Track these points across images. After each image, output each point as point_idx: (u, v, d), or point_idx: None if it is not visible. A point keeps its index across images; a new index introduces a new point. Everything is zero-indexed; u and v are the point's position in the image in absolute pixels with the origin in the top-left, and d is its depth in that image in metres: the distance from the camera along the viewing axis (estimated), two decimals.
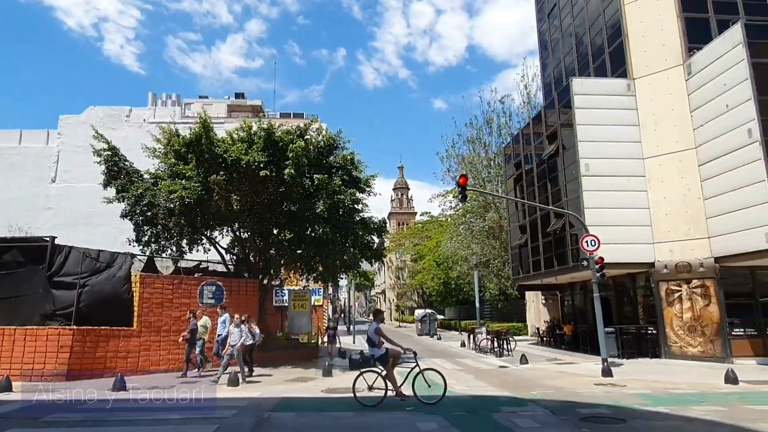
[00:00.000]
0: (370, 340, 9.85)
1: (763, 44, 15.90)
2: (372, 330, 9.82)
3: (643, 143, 18.78)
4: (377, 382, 9.52)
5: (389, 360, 9.72)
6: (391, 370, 9.71)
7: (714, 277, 16.73)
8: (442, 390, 9.52)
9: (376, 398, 9.29)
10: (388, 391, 9.46)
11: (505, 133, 35.46)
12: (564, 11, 25.77)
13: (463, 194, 15.89)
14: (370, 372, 9.71)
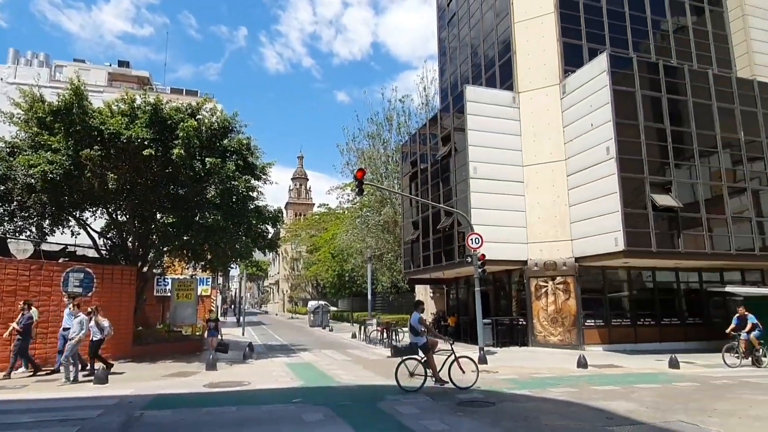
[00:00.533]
0: (413, 329, 10.50)
1: (623, 73, 18.39)
2: (415, 320, 10.51)
3: (524, 152, 20.69)
4: (418, 368, 10.05)
5: (430, 348, 10.33)
6: (432, 358, 10.32)
7: (574, 275, 19.06)
8: (475, 376, 10.46)
9: (416, 384, 9.92)
10: (427, 377, 10.05)
11: (403, 132, 36.61)
12: (462, 21, 27.30)
13: (360, 188, 16.15)
14: (411, 359, 10.22)
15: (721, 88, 19.82)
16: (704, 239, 18.20)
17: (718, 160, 19.26)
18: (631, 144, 17.68)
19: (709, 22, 23.90)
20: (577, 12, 21.43)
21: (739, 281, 21.33)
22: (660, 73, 19.04)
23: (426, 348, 10.39)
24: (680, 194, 17.99)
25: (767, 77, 22.24)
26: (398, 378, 9.96)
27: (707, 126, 19.15)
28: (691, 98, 19.10)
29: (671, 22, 23.25)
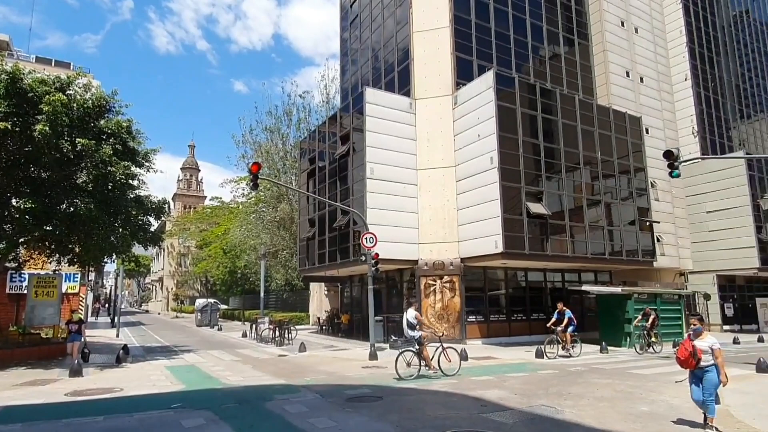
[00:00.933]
0: (409, 324, 11.79)
1: (506, 91, 20.17)
2: (411, 316, 11.87)
3: (418, 156, 21.71)
4: (413, 359, 11.61)
5: (424, 340, 11.80)
6: (425, 349, 11.80)
7: (459, 274, 20.47)
8: (458, 364, 12.16)
9: (413, 372, 11.47)
10: (422, 367, 11.59)
11: (303, 128, 36.25)
12: (364, 25, 27.79)
13: (255, 182, 15.59)
14: (407, 351, 11.75)
15: (584, 112, 22.67)
16: (567, 244, 20.71)
17: (580, 175, 22.02)
18: (511, 156, 19.49)
19: (577, 53, 27.17)
20: (469, 30, 23.00)
21: (593, 281, 24.61)
22: (537, 94, 21.25)
23: (421, 341, 11.80)
24: (549, 203, 20.24)
25: (620, 106, 25.93)
26: (397, 368, 11.27)
27: (572, 144, 21.79)
28: (561, 119, 21.60)
29: (548, 50, 26.01)
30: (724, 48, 36.07)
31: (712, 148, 32.42)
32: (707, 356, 6.57)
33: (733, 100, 35.57)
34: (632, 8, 30.40)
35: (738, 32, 38.06)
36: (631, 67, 29.00)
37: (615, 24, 28.93)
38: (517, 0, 24.98)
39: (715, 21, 35.83)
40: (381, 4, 26.25)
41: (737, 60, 37.22)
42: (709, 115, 33.11)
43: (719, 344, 6.70)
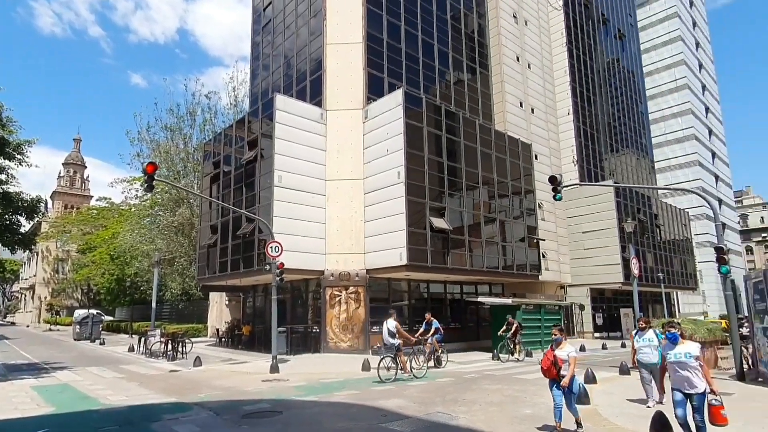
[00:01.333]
0: (390, 332, 13.39)
1: (414, 110, 21.13)
2: (392, 325, 13.49)
3: (327, 167, 21.83)
4: (391, 363, 13.24)
5: (401, 347, 13.48)
6: (401, 355, 13.46)
7: (365, 285, 20.82)
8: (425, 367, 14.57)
9: (391, 375, 13.07)
10: (398, 370, 13.23)
11: (208, 130, 34.58)
12: (278, 30, 27.46)
13: (150, 183, 14.41)
14: (386, 357, 13.31)
15: (484, 135, 24.49)
16: (466, 257, 22.07)
17: (479, 193, 23.66)
18: (417, 172, 20.41)
19: (479, 81, 29.32)
20: (381, 48, 23.80)
21: (487, 293, 26.41)
22: (442, 115, 22.55)
23: (399, 347, 13.37)
24: (451, 219, 21.46)
25: (514, 133, 28.39)
26: (379, 372, 12.85)
27: (473, 165, 23.38)
28: (463, 140, 23.11)
29: (453, 75, 27.75)
30: (600, 89, 41.19)
31: (588, 176, 36.68)
32: (567, 365, 6.98)
33: (605, 136, 40.64)
34: (526, 46, 33.59)
35: (610, 77, 43.72)
36: (524, 99, 31.95)
37: (511, 59, 31.73)
38: (427, 26, 26.39)
39: (593, 65, 40.83)
40: (295, 13, 26.17)
41: (609, 101, 42.69)
42: (586, 147, 37.47)
43: (575, 353, 7.24)
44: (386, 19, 24.30)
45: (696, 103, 60.27)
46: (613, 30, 45.76)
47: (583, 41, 39.99)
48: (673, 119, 58.54)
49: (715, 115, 66.27)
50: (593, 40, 41.79)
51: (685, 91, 58.51)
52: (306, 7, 25.33)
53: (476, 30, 29.98)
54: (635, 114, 46.76)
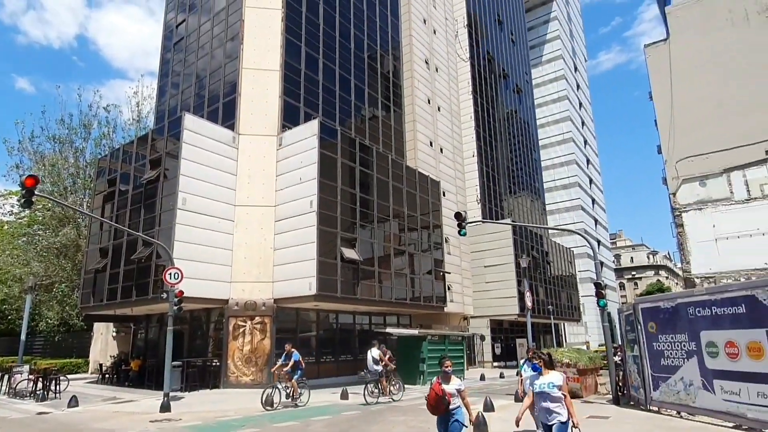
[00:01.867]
0: (374, 360, 15.34)
1: (329, 141, 21.42)
2: (377, 354, 15.52)
3: (237, 192, 21.14)
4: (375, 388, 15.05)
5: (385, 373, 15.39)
6: (383, 380, 15.30)
7: (271, 315, 20.11)
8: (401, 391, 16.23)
9: (374, 399, 14.78)
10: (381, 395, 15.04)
11: (105, 145, 31.92)
12: (191, 49, 26.60)
13: (29, 199, 12.75)
14: (371, 382, 15.05)
15: (395, 170, 25.44)
16: (375, 288, 22.33)
17: (389, 226, 24.31)
18: (330, 202, 20.53)
19: (392, 119, 30.64)
20: (298, 78, 24.02)
21: (395, 324, 26.81)
22: (356, 147, 23.11)
23: (382, 374, 15.27)
24: (362, 250, 21.72)
25: (424, 170, 29.86)
26: (365, 395, 14.56)
27: (384, 198, 24.07)
28: (376, 174, 23.80)
29: (368, 111, 28.72)
30: (500, 136, 45.05)
31: (490, 214, 39.46)
32: (455, 399, 6.54)
33: (505, 178, 44.24)
34: (437, 90, 35.94)
35: (509, 126, 48.09)
36: (434, 139, 33.89)
37: (423, 101, 33.70)
38: (345, 62, 27.22)
39: (495, 114, 44.70)
40: (211, 34, 25.59)
41: (508, 147, 46.77)
42: (488, 187, 40.43)
43: (464, 385, 6.86)
44: (305, 50, 24.68)
45: (579, 155, 68.08)
46: (512, 85, 50.68)
47: (487, 92, 43.74)
48: (561, 167, 65.42)
49: (594, 167, 75.21)
50: (495, 92, 45.87)
51: (570, 143, 65.93)
52: (222, 29, 24.92)
53: (391, 71, 31.49)
54: (530, 160, 51.58)
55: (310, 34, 25.22)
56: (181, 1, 28.54)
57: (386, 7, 32.27)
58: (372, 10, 30.67)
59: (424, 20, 36.29)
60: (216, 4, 25.81)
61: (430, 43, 36.47)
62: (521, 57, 55.43)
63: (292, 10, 24.33)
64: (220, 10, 25.41)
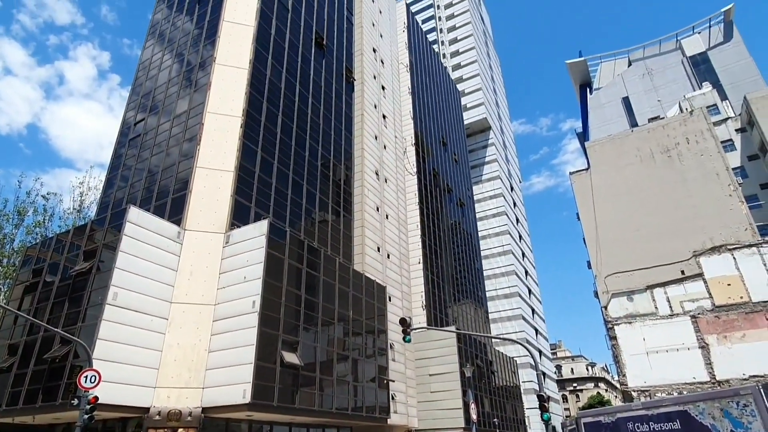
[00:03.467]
0: None
1: (277, 241, 21.54)
2: None
3: (176, 288, 20.26)
4: None
5: None
6: None
7: (197, 427, 18.20)
8: None
9: None
10: None
11: (38, 233, 30.23)
12: (146, 146, 27.04)
13: None
14: None
15: (342, 274, 25.56)
16: (316, 397, 21.03)
17: (334, 330, 23.72)
18: (274, 303, 20.03)
19: (342, 223, 31.53)
20: (252, 179, 24.72)
21: None
22: (305, 249, 23.29)
23: None
24: (304, 354, 20.83)
25: (371, 275, 30.18)
26: None
27: (330, 300, 23.81)
28: (323, 276, 23.79)
29: (318, 215, 29.51)
30: (445, 245, 46.95)
31: (435, 320, 39.48)
32: None
33: (449, 285, 45.21)
34: (386, 199, 37.82)
35: (454, 236, 50.46)
36: (382, 245, 34.81)
37: (372, 208, 35.19)
38: (298, 167, 28.49)
39: (440, 224, 47.04)
40: (168, 133, 26.32)
41: (453, 255, 48.56)
42: (434, 293, 41.00)
43: None
44: (260, 155, 25.75)
45: (518, 267, 71.37)
46: (456, 199, 54.21)
47: (433, 204, 46.41)
48: (502, 277, 67.91)
49: (533, 278, 78.65)
50: (440, 204, 48.74)
51: (510, 255, 69.38)
52: (181, 130, 25.77)
53: (343, 179, 33.11)
54: (473, 270, 53.42)
55: (267, 140, 26.56)
56: (143, 102, 29.60)
57: (341, 122, 34.95)
58: (327, 124, 33.07)
59: (375, 136, 39.31)
60: (178, 106, 26.98)
61: (380, 156, 39.14)
62: (464, 175, 60.17)
63: (251, 118, 25.81)
64: (181, 112, 26.51)
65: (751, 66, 55.29)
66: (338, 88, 36.18)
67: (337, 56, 37.63)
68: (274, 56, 29.40)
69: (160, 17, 33.54)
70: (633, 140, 31.53)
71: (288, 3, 32.83)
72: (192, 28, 30.19)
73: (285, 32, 31.38)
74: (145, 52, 32.22)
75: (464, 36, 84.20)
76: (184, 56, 29.14)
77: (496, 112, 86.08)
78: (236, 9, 28.93)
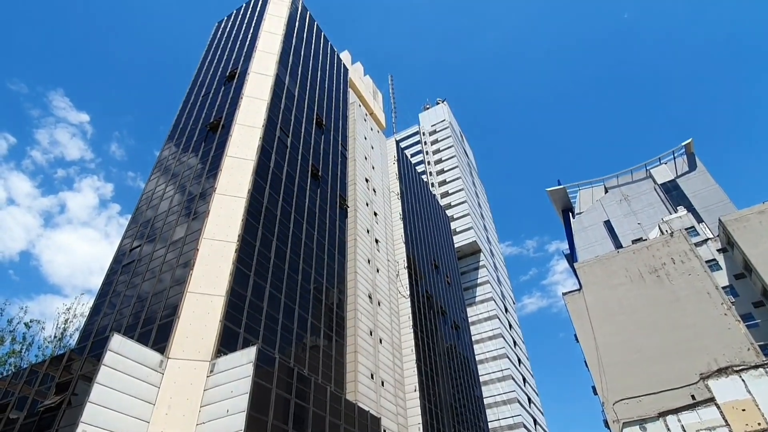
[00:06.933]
0: None
1: (265, 369, 20.49)
2: None
3: (151, 424, 18.65)
4: None
5: None
6: None
7: None
8: None
9: None
10: None
11: (11, 363, 28.61)
12: (138, 271, 27.05)
13: None
14: None
15: (334, 404, 23.88)
16: None
17: None
18: None
19: (334, 349, 30.34)
20: (243, 303, 24.36)
21: None
22: (294, 378, 22.05)
23: None
24: None
25: (364, 404, 28.20)
26: None
27: None
28: (312, 407, 22.17)
29: (310, 340, 28.54)
30: (442, 371, 44.71)
31: None
32: None
33: (448, 416, 41.97)
34: (379, 323, 36.97)
35: (450, 360, 48.32)
36: (375, 371, 33.11)
37: (365, 332, 34.22)
38: (291, 292, 28.32)
39: (435, 347, 45.37)
40: (162, 260, 26.52)
41: (450, 382, 45.95)
42: (432, 425, 37.84)
43: None
44: (253, 279, 25.76)
45: (520, 394, 67.21)
46: (450, 321, 53.10)
47: (427, 326, 45.29)
48: (504, 405, 63.45)
49: (536, 406, 73.53)
50: (435, 327, 47.56)
51: (510, 380, 65.78)
52: (176, 255, 26.07)
53: (336, 303, 32.71)
54: (473, 397, 50.13)
55: (261, 265, 26.79)
56: (141, 231, 30.33)
57: (334, 246, 35.68)
58: (321, 249, 33.72)
59: (368, 260, 39.84)
60: (175, 233, 27.64)
61: (373, 280, 39.22)
62: (457, 297, 59.74)
63: (246, 243, 26.36)
64: (177, 239, 27.08)
65: (719, 191, 58.96)
66: (332, 214, 37.65)
67: (332, 185, 39.85)
68: (272, 186, 31.10)
69: (167, 153, 36.07)
70: (620, 261, 32.21)
71: (287, 141, 35.76)
72: (196, 163, 32.32)
73: (283, 165, 33.64)
74: (149, 183, 33.98)
75: (450, 167, 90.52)
76: (186, 187, 30.72)
77: (485, 235, 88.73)
78: (239, 146, 31.34)
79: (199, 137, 34.68)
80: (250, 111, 34.11)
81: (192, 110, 38.91)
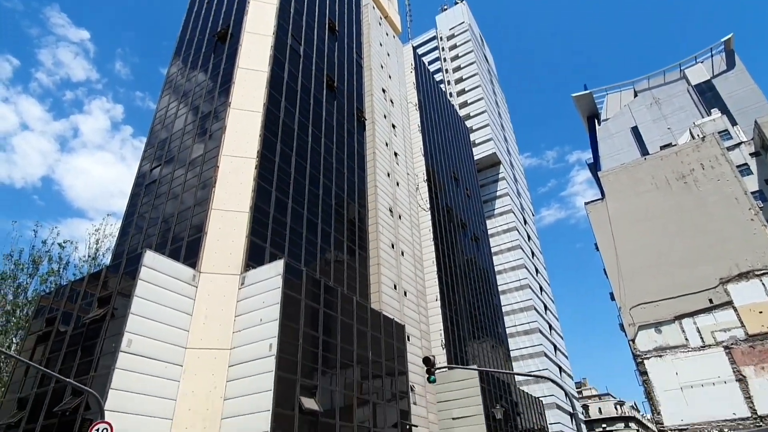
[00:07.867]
0: None
1: (293, 281, 21.12)
2: None
3: (191, 333, 19.76)
4: None
5: None
6: None
7: None
8: None
9: None
10: None
11: (52, 282, 30.17)
12: (161, 191, 27.24)
13: None
14: None
15: (360, 313, 24.89)
16: None
17: (353, 372, 22.84)
18: (291, 345, 19.38)
19: (357, 262, 31.06)
20: (267, 219, 24.61)
21: None
22: (321, 289, 22.79)
23: None
24: (323, 399, 19.94)
25: (389, 313, 29.39)
26: None
27: (348, 341, 23.05)
28: (340, 316, 23.15)
29: (334, 253, 29.16)
30: (462, 281, 46.02)
31: (456, 360, 38.09)
32: None
33: (468, 323, 43.96)
34: (400, 236, 37.43)
35: (470, 271, 49.54)
36: (398, 282, 34.14)
37: (387, 245, 34.77)
38: (312, 207, 28.42)
39: (456, 260, 46.31)
40: (183, 178, 26.53)
41: (470, 292, 47.50)
42: (453, 332, 39.79)
43: None
44: (275, 195, 25.76)
45: (537, 301, 69.62)
46: (470, 234, 53.65)
47: (447, 240, 45.87)
48: (521, 313, 66.15)
49: (552, 313, 76.54)
50: (455, 240, 48.18)
51: (527, 289, 67.85)
52: (196, 174, 26.00)
53: (357, 217, 32.93)
54: (491, 306, 52.10)
55: (281, 180, 26.63)
56: (158, 153, 30.06)
57: (353, 161, 35.14)
58: (340, 163, 33.25)
59: (388, 174, 39.41)
60: (194, 152, 27.34)
61: (393, 193, 39.09)
62: (476, 209, 59.81)
63: (266, 159, 26.01)
64: (196, 157, 26.83)
65: (757, 92, 55.30)
66: (350, 127, 36.64)
67: (348, 97, 38.35)
68: (287, 99, 29.99)
69: (175, 69, 34.66)
70: (647, 168, 31.12)
71: (300, 49, 33.83)
72: (207, 78, 31.06)
73: (297, 76, 32.15)
74: (161, 102, 33.10)
75: (470, 75, 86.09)
76: (199, 104, 29.82)
77: (505, 146, 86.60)
78: (250, 57, 29.79)
79: (207, 49, 33.01)
80: (258, 17, 31.97)
81: (197, 20, 36.68)
